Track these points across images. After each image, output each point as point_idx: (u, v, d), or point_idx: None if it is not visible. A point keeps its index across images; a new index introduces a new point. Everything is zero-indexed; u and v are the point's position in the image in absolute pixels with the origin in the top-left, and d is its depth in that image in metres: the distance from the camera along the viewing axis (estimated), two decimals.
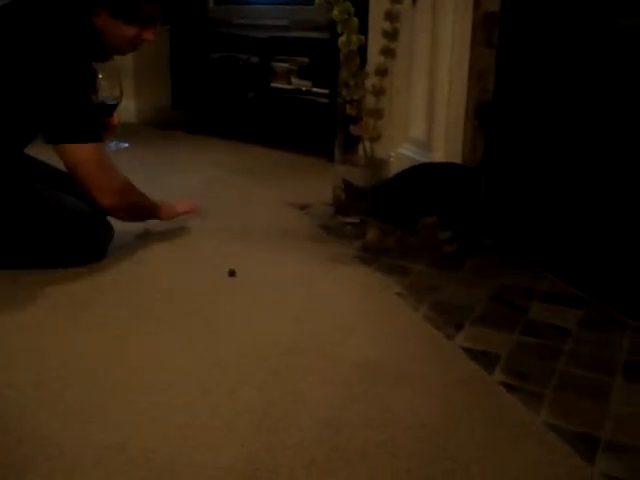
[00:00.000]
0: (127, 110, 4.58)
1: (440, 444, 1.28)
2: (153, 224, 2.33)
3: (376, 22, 2.72)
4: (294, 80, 3.78)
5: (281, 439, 1.28)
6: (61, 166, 2.05)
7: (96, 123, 2.00)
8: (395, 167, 2.56)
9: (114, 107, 2.19)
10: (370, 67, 2.60)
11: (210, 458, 1.22)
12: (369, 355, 1.61)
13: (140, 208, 2.18)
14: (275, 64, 3.84)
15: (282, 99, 3.80)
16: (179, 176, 3.23)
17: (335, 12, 2.48)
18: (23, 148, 2.12)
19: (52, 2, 1.94)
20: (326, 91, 3.54)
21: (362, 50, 2.56)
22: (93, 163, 1.96)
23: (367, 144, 2.64)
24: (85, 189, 1.99)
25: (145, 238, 2.34)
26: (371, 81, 2.59)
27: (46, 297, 1.87)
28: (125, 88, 4.59)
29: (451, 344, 1.68)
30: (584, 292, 1.98)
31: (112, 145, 2.23)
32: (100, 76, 2.13)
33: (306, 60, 3.73)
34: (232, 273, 2.06)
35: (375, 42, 2.65)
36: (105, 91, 2.15)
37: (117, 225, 2.18)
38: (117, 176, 2.05)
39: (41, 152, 2.16)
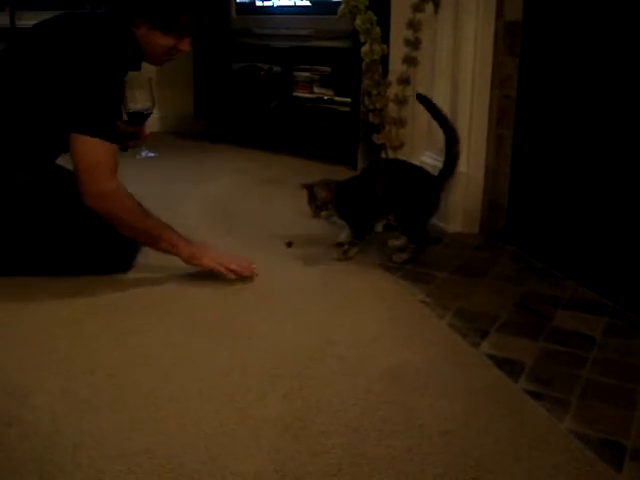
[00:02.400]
0: (151, 119, 4.62)
1: (465, 451, 1.29)
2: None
3: (398, 31, 2.74)
4: (316, 89, 3.80)
5: (308, 446, 1.29)
6: None
7: (116, 129, 2.02)
8: None
9: (146, 117, 2.23)
10: (392, 76, 2.62)
11: (237, 465, 1.24)
12: (394, 362, 1.62)
13: (138, 230, 2.03)
14: (297, 73, 3.87)
15: (304, 108, 3.83)
16: (202, 184, 3.26)
17: (357, 21, 2.50)
18: (56, 157, 2.15)
19: (96, 14, 2.03)
20: (348, 100, 3.56)
21: (384, 59, 2.58)
22: (94, 159, 1.93)
23: (390, 152, 2.65)
24: (76, 182, 1.95)
25: None
26: (393, 90, 2.60)
27: (73, 305, 1.90)
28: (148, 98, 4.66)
29: (476, 351, 1.68)
30: (609, 299, 1.98)
31: (142, 153, 2.25)
32: (133, 87, 2.17)
33: (328, 69, 3.75)
34: (290, 244, 2.20)
35: (397, 51, 2.66)
36: (138, 102, 2.18)
37: None
38: (111, 184, 1.96)
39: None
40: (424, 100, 2.25)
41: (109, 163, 1.95)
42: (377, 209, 2.28)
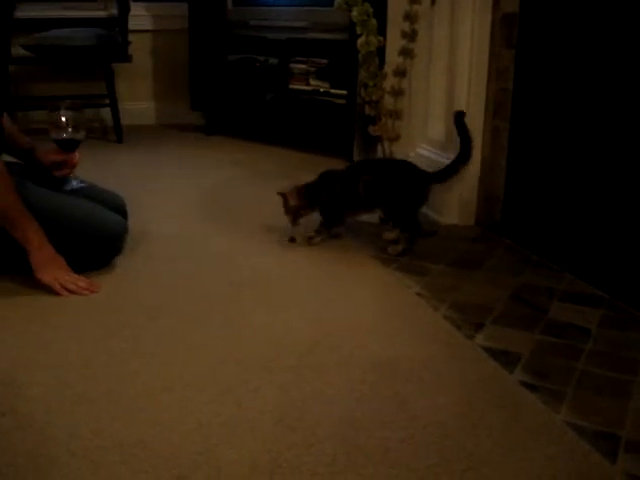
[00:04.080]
0: (147, 111, 4.62)
1: (460, 442, 1.29)
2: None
3: (395, 23, 2.73)
4: (312, 81, 3.80)
5: (303, 437, 1.29)
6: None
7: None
8: None
9: (76, 144, 2.16)
10: (389, 68, 2.62)
11: (233, 455, 1.24)
12: (389, 354, 1.62)
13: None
14: (293, 65, 3.86)
15: (300, 100, 3.82)
16: (198, 177, 3.25)
17: (354, 13, 2.49)
18: None
19: None
20: (344, 92, 3.55)
21: (381, 51, 2.57)
22: None
23: (386, 145, 2.65)
24: None
25: (160, 236, 2.37)
26: (390, 82, 2.60)
27: (65, 299, 1.89)
28: (144, 90, 4.67)
29: (471, 343, 1.68)
30: (604, 291, 1.98)
31: (74, 183, 2.16)
32: (64, 119, 2.11)
33: (324, 61, 3.74)
34: (292, 240, 2.26)
35: (394, 43, 2.66)
36: (69, 133, 2.13)
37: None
38: None
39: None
40: (459, 117, 2.29)
41: None
42: (356, 205, 2.31)
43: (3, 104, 2.02)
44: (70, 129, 2.11)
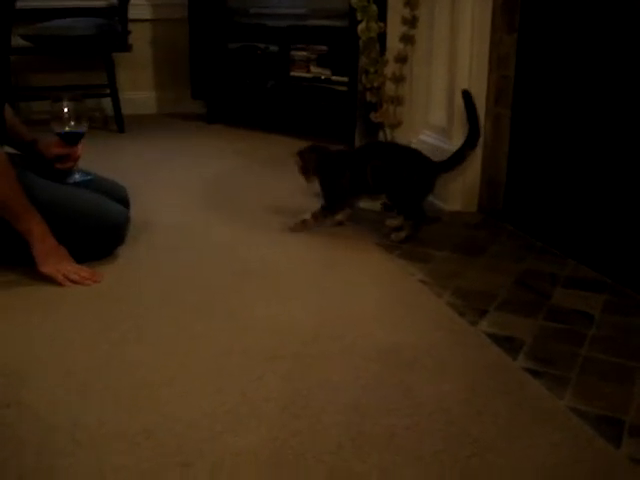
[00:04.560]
0: (148, 100, 4.61)
1: (465, 428, 1.29)
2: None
3: (395, 9, 2.72)
4: (313, 68, 3.78)
5: (308, 424, 1.29)
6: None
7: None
8: None
9: (79, 137, 2.15)
10: (390, 54, 2.61)
11: (238, 443, 1.24)
12: (393, 341, 1.62)
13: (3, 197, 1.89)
14: (294, 53, 3.84)
15: (301, 87, 3.81)
16: (200, 166, 3.25)
17: None
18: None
19: None
20: (345, 79, 3.54)
21: (381, 37, 2.56)
22: None
23: (388, 131, 2.64)
24: None
25: (161, 226, 2.37)
26: (391, 68, 2.59)
27: (70, 289, 1.89)
28: (145, 79, 4.66)
29: (475, 330, 1.68)
30: (607, 277, 1.98)
31: (76, 176, 2.15)
32: (66, 111, 2.09)
33: (325, 48, 3.73)
34: (304, 222, 2.29)
35: (394, 29, 2.65)
36: (72, 126, 2.11)
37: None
38: None
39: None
40: (467, 97, 2.30)
41: None
42: (362, 189, 2.31)
43: (4, 95, 2.01)
44: (72, 122, 2.10)
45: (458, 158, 2.29)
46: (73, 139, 2.13)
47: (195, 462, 1.19)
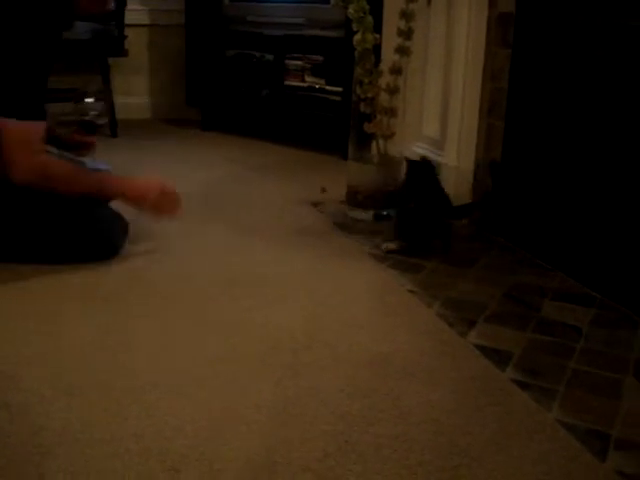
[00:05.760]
0: (142, 105, 4.61)
1: (452, 439, 1.30)
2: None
3: (391, 21, 2.73)
4: (308, 78, 3.79)
5: (296, 432, 1.30)
6: None
7: (40, 105, 2.06)
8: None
9: (98, 127, 2.22)
10: (384, 65, 2.61)
11: (226, 449, 1.24)
12: (382, 351, 1.62)
13: (78, 191, 2.06)
14: (289, 62, 3.85)
15: (296, 97, 3.81)
16: (193, 172, 3.24)
17: (350, 10, 2.49)
18: None
19: None
20: (339, 89, 3.55)
21: (377, 48, 2.57)
22: (17, 138, 1.93)
23: (381, 142, 2.65)
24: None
25: (154, 233, 2.37)
26: (385, 79, 2.60)
27: (59, 292, 1.89)
28: (140, 85, 4.65)
29: (463, 341, 1.69)
30: (596, 291, 1.99)
31: (92, 163, 2.19)
32: (88, 100, 2.16)
33: (320, 58, 3.73)
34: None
35: (390, 40, 2.65)
36: (93, 111, 2.19)
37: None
38: (37, 157, 1.98)
39: None
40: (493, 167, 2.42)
41: (33, 143, 1.95)
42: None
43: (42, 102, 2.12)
44: (93, 112, 2.15)
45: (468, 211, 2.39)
46: (90, 128, 2.18)
47: (184, 468, 1.19)
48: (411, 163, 2.33)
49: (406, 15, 2.54)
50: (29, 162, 1.94)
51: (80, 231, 2.05)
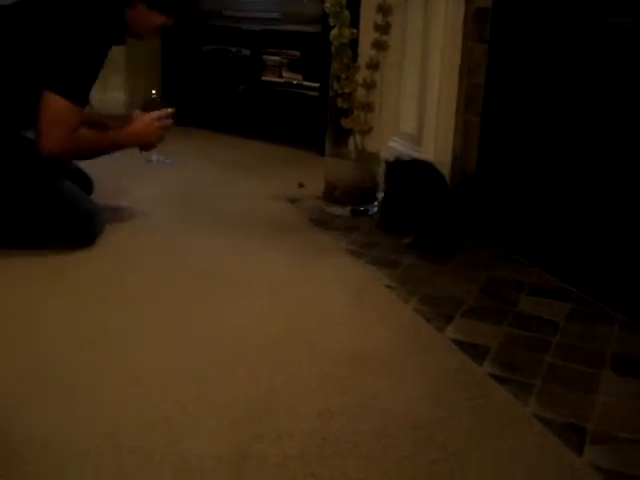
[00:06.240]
0: (117, 102, 4.57)
1: (430, 434, 1.29)
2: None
3: (368, 15, 2.72)
4: (285, 73, 3.78)
5: (272, 429, 1.28)
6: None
7: (87, 95, 2.16)
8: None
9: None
10: (361, 60, 2.60)
11: (199, 447, 1.23)
12: (359, 347, 1.62)
13: (97, 152, 2.28)
14: (266, 57, 3.83)
15: (273, 92, 3.80)
16: (167, 169, 3.21)
17: (327, 5, 2.48)
18: (21, 129, 2.17)
19: None
20: (317, 84, 3.54)
21: (354, 43, 2.56)
22: (60, 117, 2.05)
23: (358, 138, 2.64)
24: (37, 133, 2.07)
25: (129, 228, 2.35)
26: (362, 74, 2.59)
27: (30, 285, 1.87)
28: (115, 80, 4.61)
29: (441, 336, 1.69)
30: (572, 285, 1.99)
31: (155, 157, 2.37)
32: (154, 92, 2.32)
33: (297, 53, 3.72)
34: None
35: (367, 35, 2.65)
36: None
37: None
38: (70, 136, 2.10)
39: None
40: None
41: (72, 124, 2.08)
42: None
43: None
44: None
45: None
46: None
47: (158, 465, 1.17)
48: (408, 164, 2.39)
49: (383, 9, 2.54)
50: (64, 139, 2.06)
51: (59, 218, 2.10)
